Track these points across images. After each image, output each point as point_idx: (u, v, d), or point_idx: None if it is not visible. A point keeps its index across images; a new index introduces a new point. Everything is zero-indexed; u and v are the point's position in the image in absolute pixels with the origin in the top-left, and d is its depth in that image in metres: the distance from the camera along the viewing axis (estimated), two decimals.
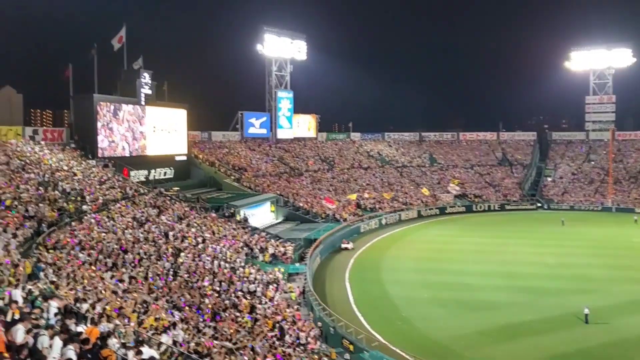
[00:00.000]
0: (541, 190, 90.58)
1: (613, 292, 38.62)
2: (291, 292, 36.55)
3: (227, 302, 29.55)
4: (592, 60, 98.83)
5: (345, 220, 63.16)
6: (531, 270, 45.17)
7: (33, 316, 13.63)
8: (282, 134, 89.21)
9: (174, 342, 20.60)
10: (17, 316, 12.68)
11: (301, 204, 66.31)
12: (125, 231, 34.69)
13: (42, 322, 13.73)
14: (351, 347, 28.10)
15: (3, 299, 15.27)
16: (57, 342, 11.82)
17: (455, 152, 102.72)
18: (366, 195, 75.14)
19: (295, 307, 33.85)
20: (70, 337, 12.22)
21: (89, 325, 15.19)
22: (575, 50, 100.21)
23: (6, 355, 10.01)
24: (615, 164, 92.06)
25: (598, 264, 47.33)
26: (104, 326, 16.24)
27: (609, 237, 61.18)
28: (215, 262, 35.79)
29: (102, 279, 25.33)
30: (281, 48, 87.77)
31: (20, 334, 11.31)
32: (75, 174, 42.23)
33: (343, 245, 55.49)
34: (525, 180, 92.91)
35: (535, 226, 69.71)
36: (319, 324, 30.99)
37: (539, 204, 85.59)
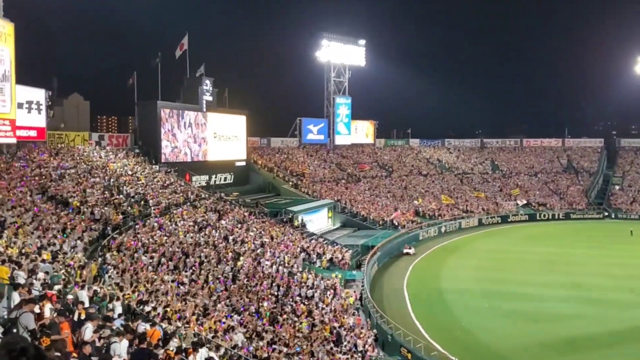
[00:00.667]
0: (608, 199, 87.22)
1: None
2: (349, 297, 36.50)
3: (285, 307, 29.73)
4: None
5: (403, 227, 62.57)
6: (597, 282, 43.47)
7: (101, 316, 14.07)
8: (340, 140, 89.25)
9: (234, 346, 20.85)
10: (83, 316, 13.10)
11: (359, 210, 66.11)
12: (187, 235, 35.44)
13: (115, 325, 14.07)
14: (409, 356, 27.74)
15: (73, 296, 15.81)
16: (124, 342, 12.17)
17: (518, 159, 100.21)
18: (432, 206, 74.22)
19: (352, 311, 33.81)
20: (134, 338, 12.57)
21: (149, 326, 15.52)
22: None
23: (74, 354, 10.33)
24: None
25: None
26: (166, 327, 16.59)
27: None
28: (274, 266, 36.09)
29: (164, 281, 25.91)
30: (340, 54, 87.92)
31: (88, 332, 11.67)
32: (139, 179, 43.49)
33: (405, 250, 55.29)
34: (592, 189, 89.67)
35: (602, 236, 67.11)
36: (375, 331, 30.75)
37: (606, 213, 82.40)
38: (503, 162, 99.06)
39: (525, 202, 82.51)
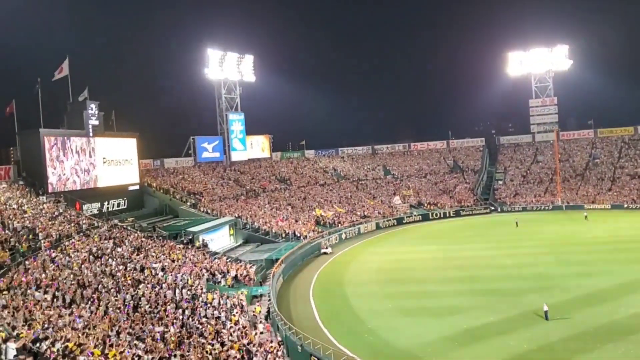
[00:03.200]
0: (493, 194, 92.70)
1: (569, 287, 39.72)
2: (256, 309, 36.86)
3: (191, 329, 29.19)
4: (532, 64, 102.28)
5: (305, 237, 63.18)
6: (490, 273, 46.12)
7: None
8: (236, 156, 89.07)
9: None
10: None
11: (260, 225, 66.02)
12: (82, 266, 33.98)
13: None
14: None
15: None
16: None
17: (408, 163, 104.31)
18: (329, 214, 75.55)
19: (260, 320, 34.07)
20: None
21: None
22: (515, 55, 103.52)
23: None
24: (561, 163, 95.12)
25: (553, 262, 48.68)
26: None
27: (561, 235, 63.03)
28: (177, 290, 35.33)
29: (61, 316, 24.73)
30: (229, 71, 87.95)
31: None
32: (25, 212, 41.21)
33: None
34: (478, 185, 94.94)
35: (490, 229, 71.26)
36: (279, 337, 30.85)
37: (492, 208, 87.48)
38: (394, 167, 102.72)
39: (399, 201, 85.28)
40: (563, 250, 53.40)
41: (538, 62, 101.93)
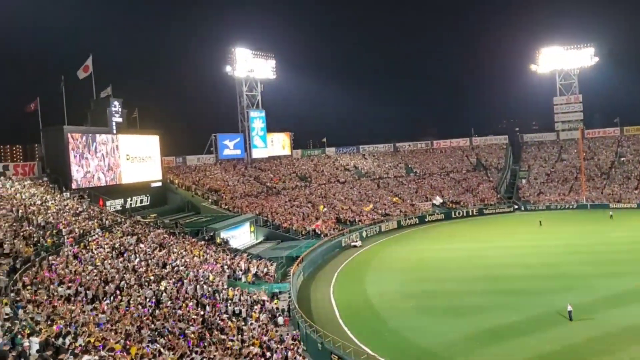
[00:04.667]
0: (517, 193, 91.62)
1: (594, 287, 39.10)
2: (276, 302, 37.00)
3: (212, 325, 29.26)
4: (557, 62, 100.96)
5: (326, 235, 63.05)
6: (513, 272, 45.54)
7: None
8: (257, 153, 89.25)
9: None
10: None
11: (280, 222, 66.04)
12: (105, 262, 34.23)
13: None
14: None
15: None
16: None
17: (430, 161, 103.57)
18: (350, 211, 75.35)
19: (279, 314, 34.40)
20: None
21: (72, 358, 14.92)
22: (539, 53, 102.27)
23: None
24: (586, 161, 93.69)
25: (578, 261, 47.92)
26: (89, 359, 15.98)
27: (586, 234, 62.12)
28: (198, 286, 35.46)
29: (83, 311, 24.90)
30: (250, 68, 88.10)
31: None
32: (49, 208, 41.66)
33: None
34: (501, 184, 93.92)
35: (514, 228, 70.48)
36: (296, 331, 30.84)
37: (516, 206, 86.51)
38: (416, 164, 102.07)
39: (441, 200, 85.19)
40: (588, 250, 52.60)
41: (563, 60, 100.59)
